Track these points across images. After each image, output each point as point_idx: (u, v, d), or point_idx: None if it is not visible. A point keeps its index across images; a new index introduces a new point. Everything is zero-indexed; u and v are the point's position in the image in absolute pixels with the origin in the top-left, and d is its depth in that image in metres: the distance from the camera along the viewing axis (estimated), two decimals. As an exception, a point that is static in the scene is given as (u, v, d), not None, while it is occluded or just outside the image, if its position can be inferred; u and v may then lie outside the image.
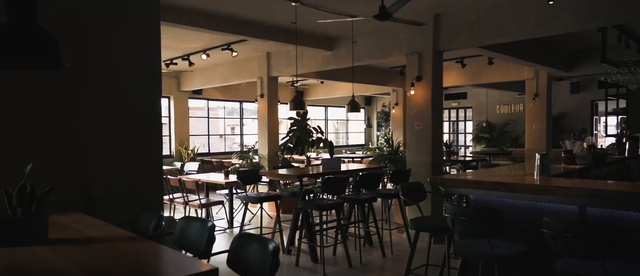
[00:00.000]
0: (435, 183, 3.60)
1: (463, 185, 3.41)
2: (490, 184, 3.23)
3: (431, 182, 3.61)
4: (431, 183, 3.63)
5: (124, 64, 3.40)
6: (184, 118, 11.48)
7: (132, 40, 3.43)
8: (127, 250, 2.13)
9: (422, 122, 6.14)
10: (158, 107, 3.60)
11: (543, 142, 9.26)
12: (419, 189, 4.21)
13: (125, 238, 2.37)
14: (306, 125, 8.09)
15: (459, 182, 3.44)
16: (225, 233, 6.91)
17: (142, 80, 3.49)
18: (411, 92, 6.23)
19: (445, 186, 3.52)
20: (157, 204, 3.56)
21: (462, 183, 3.41)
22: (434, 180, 3.57)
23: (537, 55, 7.89)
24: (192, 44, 7.82)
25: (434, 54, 6.05)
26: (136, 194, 3.38)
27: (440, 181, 3.54)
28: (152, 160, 3.52)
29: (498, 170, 4.33)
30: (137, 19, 3.48)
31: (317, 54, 7.79)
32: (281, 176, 5.39)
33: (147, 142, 3.48)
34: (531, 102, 9.44)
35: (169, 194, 7.16)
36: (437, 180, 3.55)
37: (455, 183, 3.46)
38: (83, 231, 2.53)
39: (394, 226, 6.20)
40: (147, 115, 3.48)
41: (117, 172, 3.33)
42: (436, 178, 3.55)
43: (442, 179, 3.52)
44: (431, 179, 3.59)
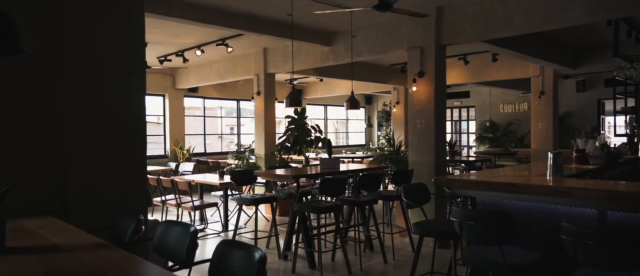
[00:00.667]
0: (440, 185, 3.33)
1: (470, 186, 3.14)
2: (499, 185, 2.96)
3: (436, 183, 3.34)
4: (436, 184, 3.36)
5: (105, 56, 3.13)
6: (179, 117, 11.22)
7: (114, 31, 3.17)
8: (90, 261, 1.86)
9: (425, 120, 5.87)
10: (142, 104, 3.33)
11: (549, 142, 8.98)
12: (422, 191, 3.94)
13: (94, 246, 2.11)
14: (304, 123, 7.81)
15: (465, 183, 3.17)
16: (219, 236, 6.64)
17: (125, 74, 3.23)
18: (413, 88, 5.95)
19: (450, 187, 3.25)
20: (140, 207, 3.29)
21: (468, 185, 3.14)
22: (438, 181, 3.30)
23: (543, 51, 7.61)
24: (186, 39, 7.55)
25: (437, 49, 5.78)
26: (117, 196, 3.12)
27: (445, 182, 3.27)
28: (135, 160, 3.26)
29: (506, 170, 4.06)
30: (119, 9, 3.22)
31: (315, 50, 7.52)
32: (277, 177, 5.12)
33: (130, 141, 3.21)
34: (537, 101, 9.16)
35: (162, 196, 6.90)
36: (442, 181, 3.28)
37: (462, 185, 3.19)
38: (48, 238, 2.26)
39: (396, 230, 5.93)
40: (130, 112, 3.22)
41: (96, 172, 3.07)
42: (441, 179, 3.28)
43: (448, 180, 3.25)
44: (436, 180, 3.32)
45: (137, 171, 3.23)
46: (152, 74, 10.52)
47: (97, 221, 2.80)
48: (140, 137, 3.25)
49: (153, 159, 10.64)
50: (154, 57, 8.89)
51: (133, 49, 3.26)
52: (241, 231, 6.68)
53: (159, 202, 7.01)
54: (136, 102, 3.23)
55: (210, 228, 7.03)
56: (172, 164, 9.96)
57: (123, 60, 3.23)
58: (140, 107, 3.25)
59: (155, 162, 10.40)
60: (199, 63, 10.00)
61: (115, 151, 3.13)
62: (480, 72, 9.93)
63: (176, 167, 9.79)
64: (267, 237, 5.86)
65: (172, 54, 8.62)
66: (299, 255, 5.01)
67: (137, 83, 3.25)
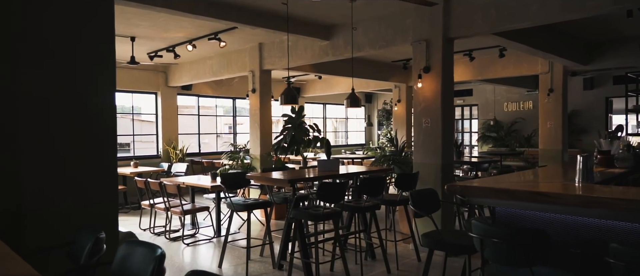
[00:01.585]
0: (454, 192, 2.90)
1: (490, 194, 2.72)
2: (525, 194, 2.54)
3: (449, 190, 2.91)
4: (449, 191, 2.93)
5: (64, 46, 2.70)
6: (172, 115, 10.78)
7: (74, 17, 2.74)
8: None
9: (431, 119, 5.45)
10: (111, 101, 2.90)
11: (558, 142, 8.57)
12: (431, 198, 3.51)
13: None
14: (302, 122, 7.39)
15: (485, 191, 2.74)
16: (211, 242, 6.22)
17: (90, 67, 2.80)
18: (418, 84, 5.53)
19: (466, 195, 2.83)
20: (110, 219, 2.86)
21: (489, 193, 2.72)
22: (452, 188, 2.88)
23: (554, 46, 7.19)
24: (176, 33, 7.12)
25: (444, 42, 5.36)
26: (80, 207, 2.69)
27: (459, 190, 2.85)
28: (103, 164, 2.83)
29: (525, 175, 3.63)
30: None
31: (312, 44, 7.09)
32: (270, 180, 4.70)
33: (97, 143, 2.78)
34: (545, 98, 8.74)
35: (150, 199, 6.47)
36: (456, 188, 2.86)
37: (480, 193, 2.76)
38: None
39: (400, 237, 5.51)
40: (96, 110, 2.79)
41: (55, 179, 2.64)
42: (455, 186, 2.86)
43: (462, 187, 2.83)
44: (449, 187, 2.90)
45: (105, 177, 2.80)
46: (143, 71, 10.10)
47: (56, 238, 2.39)
48: (110, 139, 2.82)
49: (144, 160, 10.21)
50: (144, 53, 8.46)
51: (100, 38, 2.83)
52: (235, 237, 6.26)
53: (147, 206, 6.59)
54: (104, 99, 2.80)
55: (202, 234, 6.61)
56: (165, 165, 9.53)
57: (88, 52, 2.80)
58: (109, 105, 2.83)
59: (147, 162, 9.97)
60: (192, 59, 9.57)
61: (78, 155, 2.70)
62: (486, 68, 9.52)
63: (169, 167, 9.36)
64: (261, 245, 5.44)
65: (162, 49, 8.19)
66: (294, 265, 4.59)
67: (106, 78, 2.82)
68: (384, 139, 14.74)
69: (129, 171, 8.62)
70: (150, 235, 6.61)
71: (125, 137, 10.69)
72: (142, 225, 7.01)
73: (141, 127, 12.32)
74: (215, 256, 5.52)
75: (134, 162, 9.16)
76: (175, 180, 6.91)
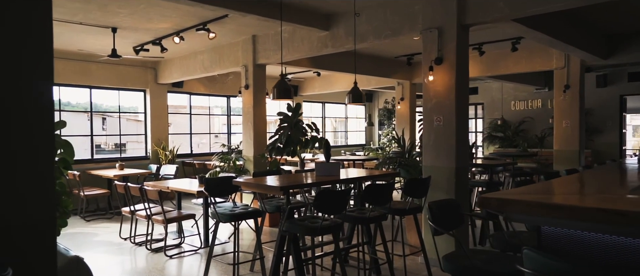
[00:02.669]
0: (488, 207, 2.28)
1: (542, 211, 2.09)
2: (593, 213, 1.92)
3: (481, 204, 2.29)
4: (481, 206, 2.31)
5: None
6: (162, 114, 10.14)
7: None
8: None
9: (443, 117, 4.83)
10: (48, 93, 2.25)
11: (575, 142, 7.96)
12: (453, 211, 2.90)
13: None
14: (299, 121, 6.77)
15: (532, 206, 2.12)
16: (198, 253, 5.59)
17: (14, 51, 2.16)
18: (429, 77, 4.91)
19: (504, 211, 2.21)
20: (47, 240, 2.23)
21: (540, 210, 2.09)
22: (486, 201, 2.26)
23: (575, 37, 6.58)
24: (160, 24, 6.49)
25: (459, 30, 4.74)
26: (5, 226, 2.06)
27: (496, 204, 2.23)
28: (37, 171, 2.19)
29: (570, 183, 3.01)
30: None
31: (310, 35, 6.47)
32: (260, 187, 4.07)
33: (26, 145, 2.15)
34: (561, 95, 8.12)
35: (130, 205, 5.85)
36: (491, 202, 2.24)
37: (528, 209, 2.14)
38: None
39: (408, 250, 4.90)
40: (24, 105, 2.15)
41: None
42: (490, 199, 2.24)
43: (500, 201, 2.21)
44: (482, 199, 2.28)
45: (38, 186, 2.17)
46: (130, 67, 9.47)
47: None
48: (45, 139, 2.18)
49: (132, 161, 9.58)
50: (129, 47, 7.83)
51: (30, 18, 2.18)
52: (224, 248, 5.65)
53: (127, 213, 5.97)
54: (38, 88, 2.16)
55: (188, 244, 5.99)
56: (153, 167, 8.91)
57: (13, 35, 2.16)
58: (44, 96, 2.18)
59: (135, 164, 9.34)
60: (182, 54, 8.95)
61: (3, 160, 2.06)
62: (496, 64, 8.91)
63: (157, 169, 8.74)
64: (251, 260, 4.81)
65: (148, 42, 7.57)
66: (289, 285, 3.98)
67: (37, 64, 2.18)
68: (385, 139, 14.14)
69: (112, 173, 8.01)
70: (130, 245, 5.98)
71: (113, 137, 10.08)
72: (123, 233, 6.39)
73: (127, 126, 11.70)
74: (201, 270, 4.90)
75: (119, 164, 8.53)
76: (159, 184, 6.29)
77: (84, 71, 8.79)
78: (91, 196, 7.81)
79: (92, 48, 7.92)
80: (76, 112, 10.23)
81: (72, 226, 7.15)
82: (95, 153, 15.15)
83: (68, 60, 8.52)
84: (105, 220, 7.68)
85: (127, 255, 5.55)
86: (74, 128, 9.28)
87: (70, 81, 8.66)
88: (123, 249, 5.82)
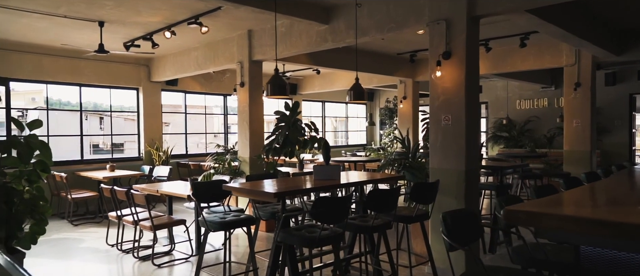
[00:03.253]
0: (515, 221, 1.93)
1: (576, 226, 1.73)
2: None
3: (507, 217, 1.94)
4: (507, 219, 1.95)
5: None
6: (155, 113, 9.78)
7: None
8: None
9: (452, 115, 4.47)
10: None
11: (586, 142, 7.60)
12: (470, 222, 2.54)
13: None
14: (297, 120, 6.42)
15: (566, 221, 1.76)
16: (188, 262, 5.23)
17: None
18: (437, 73, 4.55)
19: (536, 226, 1.85)
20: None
21: (573, 225, 1.73)
22: (513, 215, 1.90)
23: (588, 32, 6.23)
24: (150, 17, 6.13)
25: (469, 22, 4.38)
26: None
27: (525, 218, 1.87)
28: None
29: (599, 192, 2.65)
30: None
31: (309, 29, 6.10)
32: (252, 193, 3.70)
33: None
34: (571, 94, 7.76)
35: (117, 210, 5.50)
36: (520, 216, 1.89)
37: (559, 223, 1.78)
38: None
39: (414, 260, 4.54)
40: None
41: None
42: (518, 212, 1.89)
43: (530, 215, 1.85)
44: (507, 214, 1.92)
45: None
46: (122, 64, 9.11)
47: None
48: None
49: (124, 162, 9.22)
50: (119, 42, 7.47)
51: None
52: (219, 255, 5.29)
53: (114, 218, 5.62)
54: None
55: (178, 251, 5.63)
56: (146, 168, 8.56)
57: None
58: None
59: (127, 165, 8.98)
60: (176, 51, 8.59)
61: None
62: (503, 61, 8.55)
63: (150, 171, 8.39)
64: (243, 273, 4.45)
65: (139, 37, 7.20)
66: (284, 300, 3.63)
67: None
68: (386, 139, 13.78)
69: (102, 175, 7.65)
70: (117, 252, 5.63)
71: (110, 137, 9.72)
72: (110, 239, 6.03)
73: (119, 125, 11.35)
74: (189, 282, 4.55)
75: (110, 165, 8.18)
76: (151, 186, 5.93)
77: (73, 68, 8.43)
78: (79, 199, 7.45)
79: (80, 44, 7.56)
80: (68, 111, 9.86)
81: (58, 231, 6.80)
82: (92, 154, 14.80)
83: (56, 56, 8.16)
84: (94, 224, 7.33)
85: (112, 264, 5.19)
86: (67, 128, 8.90)
87: (58, 79, 8.30)
88: (109, 257, 5.46)
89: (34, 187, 4.06)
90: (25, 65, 7.86)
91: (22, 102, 12.85)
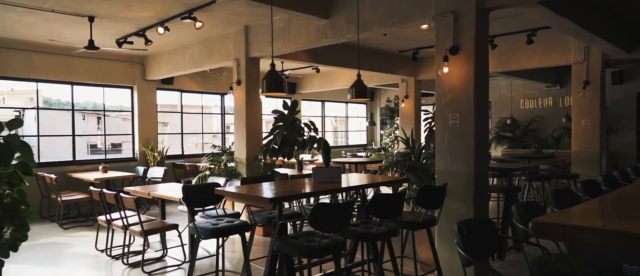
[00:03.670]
0: (548, 236, 1.65)
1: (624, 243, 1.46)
2: None
3: (538, 231, 1.67)
4: (538, 232, 1.68)
5: None
6: (150, 113, 9.49)
7: None
8: None
9: (460, 114, 4.20)
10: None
11: (595, 143, 7.33)
12: (488, 234, 2.27)
13: None
14: (295, 120, 6.14)
15: (613, 236, 1.48)
16: (180, 268, 4.96)
17: None
18: (444, 69, 4.28)
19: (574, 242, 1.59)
20: None
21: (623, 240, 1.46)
22: (546, 228, 1.63)
23: (601, 27, 5.96)
24: (141, 12, 5.86)
25: (478, 14, 4.11)
26: None
27: (561, 233, 1.60)
28: None
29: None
30: None
31: (308, 24, 5.83)
32: (246, 199, 3.43)
33: None
34: (580, 92, 7.50)
35: (106, 214, 5.22)
36: (554, 230, 1.61)
37: (602, 239, 1.51)
38: None
39: (420, 269, 4.27)
40: None
41: None
42: (552, 225, 1.62)
43: (568, 229, 1.58)
44: (539, 226, 1.65)
45: None
46: (116, 62, 8.85)
47: None
48: None
49: (118, 163, 8.95)
50: (111, 39, 7.20)
51: None
52: (209, 261, 5.02)
53: (104, 222, 5.34)
54: None
55: (171, 257, 5.36)
56: (141, 169, 8.29)
57: None
58: None
59: (121, 166, 8.71)
60: (170, 48, 8.32)
61: None
62: (508, 58, 8.28)
63: (144, 172, 8.12)
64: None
65: (131, 34, 6.93)
66: (281, 313, 3.35)
67: None
68: (387, 139, 13.51)
69: (93, 177, 7.38)
70: (106, 258, 5.36)
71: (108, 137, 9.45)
72: (100, 244, 5.75)
73: (113, 125, 11.07)
74: (180, 292, 4.28)
75: (102, 166, 7.91)
76: (145, 188, 5.65)
77: (65, 66, 8.15)
78: (70, 201, 7.17)
79: (71, 40, 7.27)
80: (58, 110, 9.58)
81: (47, 235, 6.53)
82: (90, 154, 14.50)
83: (47, 54, 7.89)
84: (85, 228, 7.05)
85: (100, 271, 4.92)
86: (63, 128, 8.60)
87: (49, 77, 8.02)
88: (98, 263, 5.19)
89: (15, 190, 3.80)
90: (15, 63, 7.59)
91: (21, 102, 12.57)
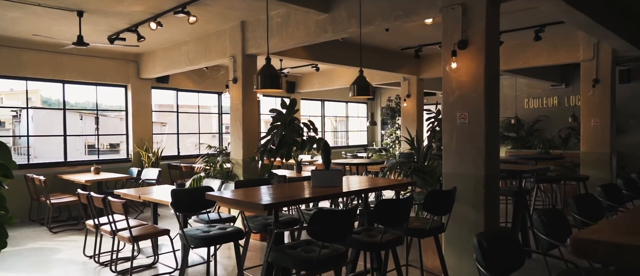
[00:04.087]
0: (591, 256, 1.38)
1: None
2: None
3: (579, 249, 1.39)
4: (579, 251, 1.41)
5: None
6: (145, 112, 9.22)
7: None
8: None
9: (469, 112, 3.93)
10: None
11: (606, 143, 7.07)
12: (511, 247, 2.00)
13: None
14: (294, 119, 5.88)
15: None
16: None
17: None
18: (452, 65, 4.01)
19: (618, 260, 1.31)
20: None
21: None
22: (588, 247, 1.36)
23: (614, 22, 5.70)
24: (132, 6, 5.58)
25: (489, 6, 3.85)
26: None
27: (606, 253, 1.33)
28: None
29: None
30: None
31: (307, 19, 5.56)
32: (239, 205, 3.16)
33: None
34: (589, 91, 7.23)
35: (94, 218, 4.95)
36: (598, 249, 1.34)
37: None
38: None
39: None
40: None
41: None
42: (596, 242, 1.34)
43: (615, 248, 1.31)
44: (579, 243, 1.38)
45: None
46: (109, 60, 8.57)
47: None
48: None
49: (111, 164, 8.68)
50: (103, 35, 6.93)
51: None
52: (203, 268, 4.74)
53: (92, 227, 5.07)
54: None
55: (162, 263, 5.08)
56: (134, 170, 8.01)
57: None
58: None
59: (114, 167, 8.44)
60: (165, 45, 8.05)
61: None
62: (514, 56, 8.01)
63: (138, 174, 7.84)
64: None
65: (123, 30, 6.66)
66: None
67: None
68: (388, 139, 13.24)
69: (85, 178, 7.10)
70: (94, 265, 5.08)
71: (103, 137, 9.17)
72: (88, 250, 5.47)
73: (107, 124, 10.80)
74: (170, 303, 4.00)
75: (94, 167, 7.64)
76: (138, 190, 5.38)
77: (55, 64, 7.88)
78: (60, 204, 6.89)
79: (60, 37, 7.00)
80: (48, 109, 9.31)
81: (35, 240, 6.25)
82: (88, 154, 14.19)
83: (37, 51, 7.61)
84: (74, 231, 6.77)
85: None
86: (59, 129, 8.32)
87: (39, 75, 7.75)
88: (86, 270, 4.92)
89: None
90: (1, 60, 7.31)
91: (20, 102, 12.26)
